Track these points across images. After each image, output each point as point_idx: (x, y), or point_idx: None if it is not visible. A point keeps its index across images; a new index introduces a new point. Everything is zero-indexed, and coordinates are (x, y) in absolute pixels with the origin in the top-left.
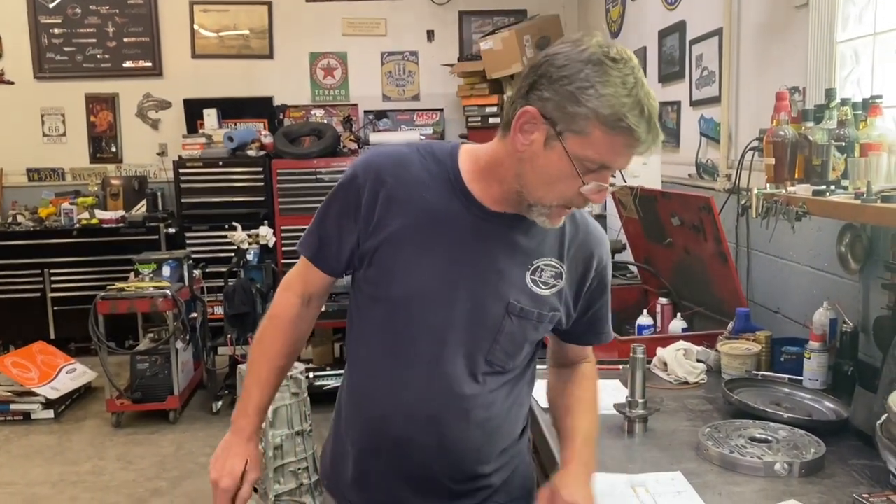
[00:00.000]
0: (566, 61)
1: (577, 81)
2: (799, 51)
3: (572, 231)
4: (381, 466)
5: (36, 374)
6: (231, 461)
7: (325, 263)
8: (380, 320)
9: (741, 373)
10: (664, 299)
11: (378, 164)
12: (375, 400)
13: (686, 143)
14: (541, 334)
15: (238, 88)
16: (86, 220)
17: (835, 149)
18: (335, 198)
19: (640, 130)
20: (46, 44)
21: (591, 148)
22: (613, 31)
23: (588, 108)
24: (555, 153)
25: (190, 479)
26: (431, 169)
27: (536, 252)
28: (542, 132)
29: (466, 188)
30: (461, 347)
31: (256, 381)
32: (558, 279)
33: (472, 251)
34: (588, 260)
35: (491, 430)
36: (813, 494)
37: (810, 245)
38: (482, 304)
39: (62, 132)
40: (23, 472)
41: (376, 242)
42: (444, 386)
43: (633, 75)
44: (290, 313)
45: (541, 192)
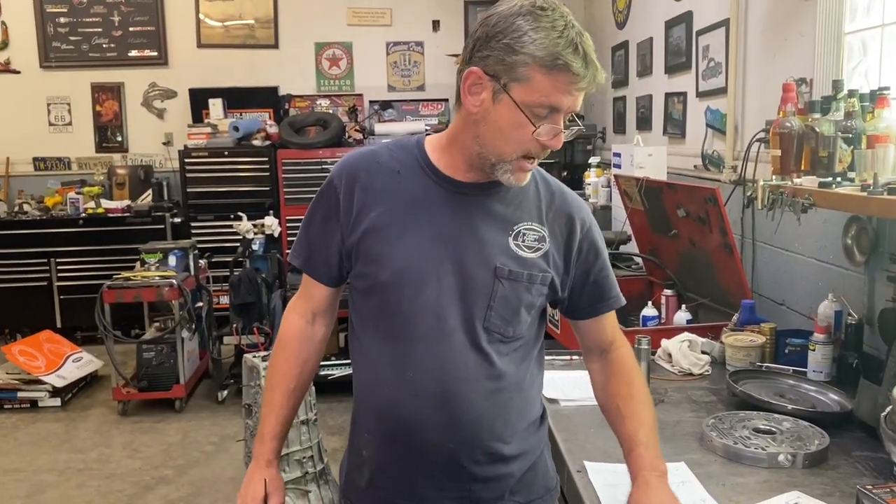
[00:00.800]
0: (498, 19)
1: (510, 34)
2: (806, 42)
3: (548, 197)
4: (396, 456)
5: (43, 363)
6: (252, 487)
7: (316, 270)
8: (375, 309)
9: (746, 364)
10: (669, 291)
11: (350, 163)
12: (382, 386)
13: (692, 135)
14: (536, 297)
15: (243, 78)
16: (92, 210)
17: (841, 140)
18: (317, 205)
19: (576, 65)
20: (52, 33)
21: (535, 92)
22: (619, 21)
23: (524, 54)
24: (503, 106)
25: (195, 468)
26: (400, 157)
27: (515, 217)
28: (488, 90)
29: (435, 166)
30: (458, 319)
31: (270, 407)
32: (542, 242)
33: (452, 224)
34: (570, 223)
35: (503, 402)
36: (816, 486)
37: (816, 237)
38: (470, 273)
39: (68, 121)
40: (30, 460)
41: (359, 234)
42: (446, 360)
43: (563, 19)
44: (295, 334)
45: (499, 146)
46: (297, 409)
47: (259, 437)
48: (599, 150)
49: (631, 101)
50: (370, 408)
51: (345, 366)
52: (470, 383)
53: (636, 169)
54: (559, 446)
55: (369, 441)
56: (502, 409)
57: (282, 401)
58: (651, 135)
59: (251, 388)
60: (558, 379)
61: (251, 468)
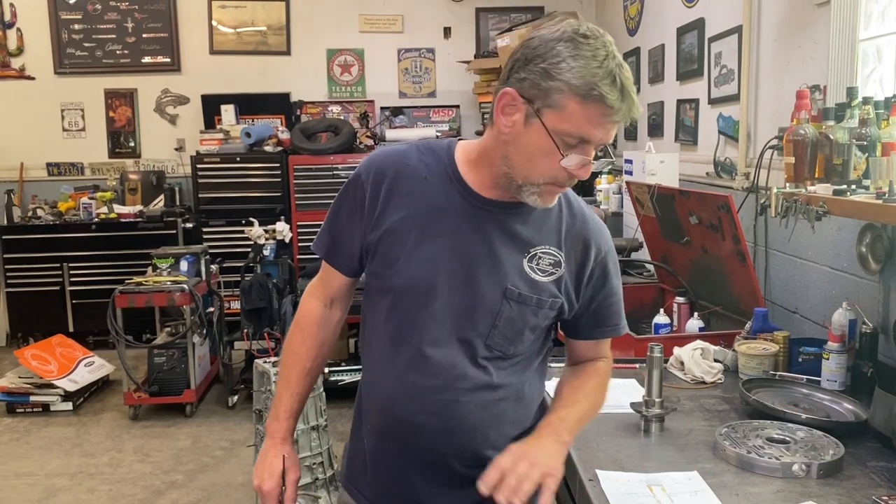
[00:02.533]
0: (539, 42)
1: (549, 58)
2: (820, 49)
3: (569, 220)
4: (393, 451)
5: (55, 367)
6: (269, 462)
7: (339, 260)
8: (386, 310)
9: (759, 373)
10: (681, 298)
11: (379, 161)
12: (385, 385)
13: (704, 142)
14: (542, 321)
15: (255, 84)
16: (104, 215)
17: (856, 148)
18: (343, 197)
19: (612, 98)
20: (66, 39)
21: (567, 121)
22: (631, 28)
23: (561, 80)
24: (534, 130)
25: (206, 473)
26: (429, 163)
27: (534, 240)
28: (521, 112)
29: (463, 179)
30: (462, 332)
31: (286, 386)
32: (557, 267)
33: (471, 239)
34: (586, 249)
35: (498, 412)
36: (831, 496)
37: (830, 245)
38: (481, 291)
39: (81, 127)
40: (42, 463)
41: (379, 233)
42: (447, 369)
43: (604, 49)
44: (314, 316)
45: (525, 170)
46: (310, 389)
47: (274, 415)
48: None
49: (643, 107)
50: (373, 403)
51: (355, 371)
52: (467, 393)
53: (648, 176)
54: (571, 455)
55: (370, 432)
56: (497, 418)
57: (298, 380)
58: (663, 141)
59: (262, 394)
60: None
61: (266, 445)
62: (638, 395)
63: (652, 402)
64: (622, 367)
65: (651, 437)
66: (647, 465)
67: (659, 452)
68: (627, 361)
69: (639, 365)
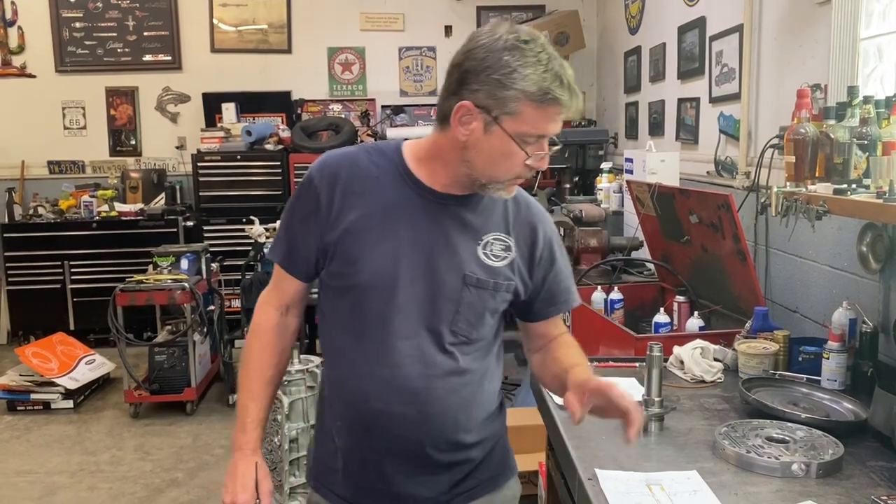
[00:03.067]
0: (485, 53)
1: (500, 69)
2: (821, 48)
3: (514, 208)
4: (367, 445)
5: (56, 365)
6: (241, 475)
7: (295, 266)
8: (350, 308)
9: (759, 372)
10: (681, 297)
11: (331, 164)
12: (356, 382)
13: (705, 141)
14: (500, 304)
15: (256, 83)
16: (105, 213)
17: (857, 147)
18: (297, 202)
19: (564, 98)
20: (68, 37)
21: (525, 124)
22: (632, 26)
23: (516, 90)
24: (495, 136)
25: (206, 471)
26: (380, 163)
27: (485, 227)
28: (479, 121)
29: (414, 175)
30: (428, 321)
31: (250, 396)
32: (508, 251)
33: (427, 231)
34: (533, 232)
35: (466, 397)
36: (830, 496)
37: (830, 244)
38: (442, 279)
39: (82, 125)
40: (42, 461)
41: (337, 234)
42: (417, 358)
43: (544, 52)
44: (270, 325)
45: (490, 171)
46: (273, 396)
47: (240, 426)
48: (611, 155)
49: (643, 106)
50: (343, 400)
51: None
52: (437, 380)
53: (648, 174)
54: (570, 454)
55: (341, 429)
56: (465, 402)
57: (261, 389)
58: (663, 140)
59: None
60: None
61: (235, 458)
62: (637, 393)
63: (651, 401)
64: (622, 366)
65: (650, 437)
66: (646, 464)
67: (658, 451)
68: (627, 360)
69: (638, 364)
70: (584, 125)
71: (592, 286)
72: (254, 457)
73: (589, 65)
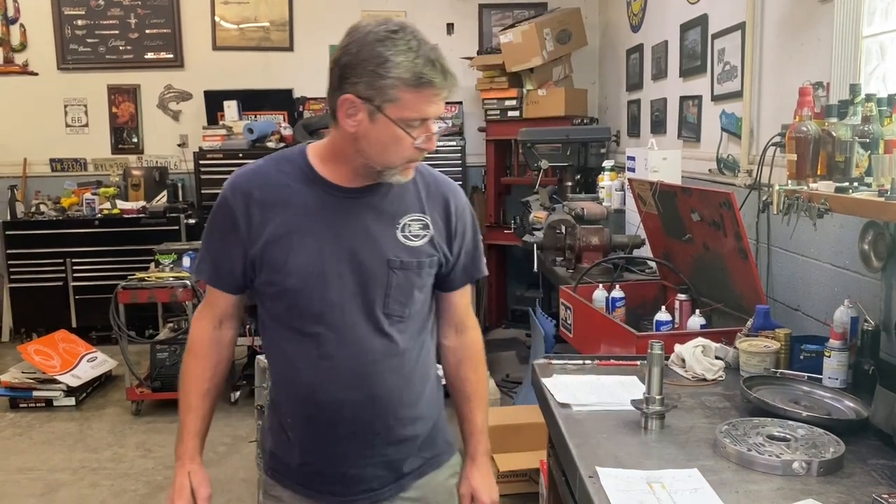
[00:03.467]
0: (359, 47)
1: (374, 60)
2: (823, 45)
3: (424, 186)
4: (320, 435)
5: (58, 362)
6: (178, 483)
7: (223, 282)
8: (285, 310)
9: (760, 370)
10: (683, 295)
11: (241, 181)
12: (301, 375)
13: (707, 139)
14: (426, 279)
15: (258, 80)
16: (107, 211)
17: (858, 145)
18: (214, 223)
19: (437, 79)
20: (70, 35)
21: (407, 109)
22: (634, 24)
23: (392, 78)
24: (381, 124)
25: (208, 468)
26: (288, 171)
27: (400, 211)
28: (363, 111)
29: (321, 176)
30: (361, 309)
31: (187, 409)
32: (426, 229)
33: (345, 226)
34: (447, 206)
35: (406, 373)
36: (831, 494)
37: (832, 242)
38: (367, 268)
39: (84, 123)
40: (44, 458)
41: (260, 246)
42: (356, 347)
43: (414, 38)
44: (204, 339)
45: (382, 157)
46: (213, 408)
47: (179, 439)
48: (613, 153)
49: (645, 104)
50: (291, 395)
51: None
52: (379, 363)
53: (650, 173)
54: (571, 452)
55: (292, 425)
56: (407, 379)
57: (197, 402)
58: (665, 138)
59: (264, 390)
60: (571, 384)
61: (175, 469)
62: (638, 392)
63: (652, 400)
64: (623, 364)
65: (651, 435)
66: (647, 462)
67: (659, 449)
68: (628, 358)
69: (639, 362)
70: (587, 123)
71: (594, 284)
72: (191, 465)
73: (591, 62)
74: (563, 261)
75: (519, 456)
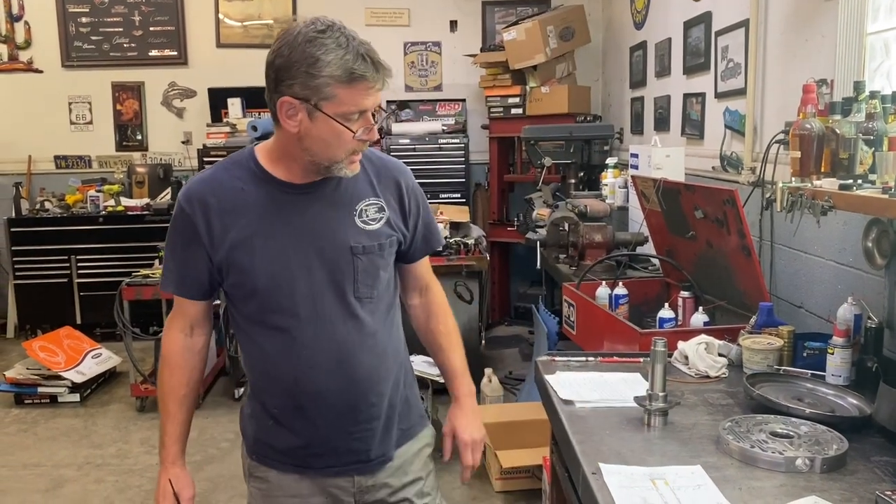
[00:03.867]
0: (289, 50)
1: (305, 61)
2: (827, 43)
3: (374, 170)
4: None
5: (62, 359)
6: (161, 486)
7: (190, 292)
8: (257, 309)
9: (763, 367)
10: (686, 292)
11: (197, 191)
12: (282, 367)
13: (710, 136)
14: (389, 259)
15: (262, 78)
16: (112, 208)
17: (862, 142)
18: (175, 234)
19: (369, 73)
20: (74, 32)
21: (343, 104)
22: (638, 21)
23: (324, 76)
24: (321, 122)
25: (212, 464)
26: (240, 175)
27: (354, 198)
28: (302, 111)
29: (272, 176)
30: (333, 298)
31: (166, 416)
32: (381, 212)
33: (304, 222)
34: (398, 186)
35: (380, 352)
36: (835, 491)
37: (835, 240)
38: (332, 258)
39: (89, 120)
40: (49, 454)
41: (225, 251)
42: (331, 333)
43: (342, 35)
44: (176, 347)
45: (327, 153)
46: (191, 413)
47: (161, 443)
48: (617, 150)
49: (649, 101)
50: (274, 387)
51: None
52: (355, 347)
53: (654, 170)
54: (574, 448)
55: (278, 414)
56: (381, 357)
57: (176, 409)
58: (669, 136)
59: None
60: (574, 381)
61: (159, 473)
62: (642, 389)
63: (655, 396)
64: (626, 361)
65: (654, 431)
66: (650, 458)
67: (662, 446)
68: (632, 355)
69: (643, 359)
70: (590, 120)
71: (597, 281)
72: (173, 468)
73: (594, 60)
74: (566, 258)
75: (522, 452)
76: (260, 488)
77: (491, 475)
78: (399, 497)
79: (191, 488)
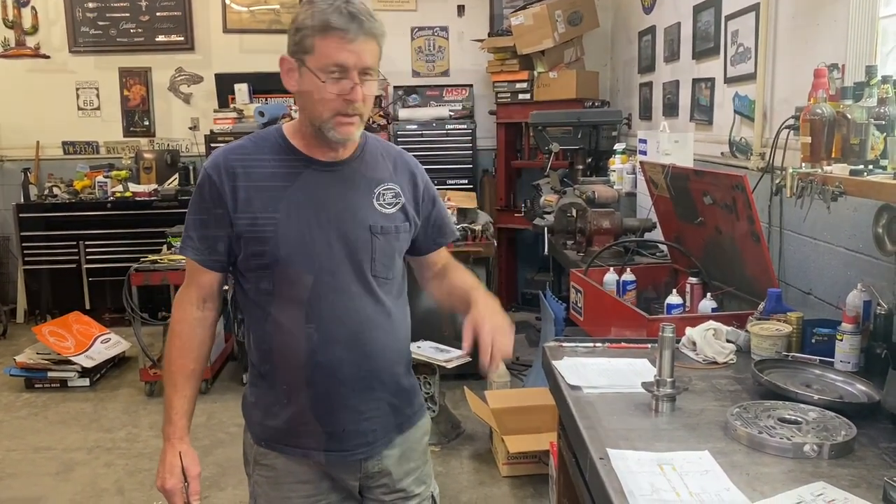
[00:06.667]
0: (294, 15)
1: (298, 19)
2: (839, 27)
3: (391, 160)
4: (318, 395)
5: (72, 344)
6: (168, 462)
7: (210, 259)
8: (275, 281)
9: (771, 353)
10: (694, 279)
11: (223, 159)
12: (297, 345)
13: (719, 121)
14: (403, 243)
15: (269, 63)
16: (120, 193)
17: (874, 127)
18: (198, 202)
19: (341, 23)
20: (81, 18)
21: (322, 57)
22: (647, 5)
23: (305, 28)
24: (306, 77)
25: (220, 448)
26: (266, 147)
27: (374, 181)
28: (295, 69)
29: (298, 149)
30: (351, 273)
31: (174, 390)
32: (398, 198)
33: (327, 197)
34: (413, 177)
35: (393, 330)
36: (842, 477)
37: (845, 226)
38: (352, 235)
39: (96, 106)
40: (59, 438)
41: (248, 219)
42: (349, 308)
43: None
44: (188, 320)
45: (313, 112)
46: (197, 391)
47: (167, 419)
48: (625, 136)
49: (658, 86)
50: (288, 364)
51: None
52: (371, 322)
53: (662, 156)
54: (581, 434)
55: (288, 391)
56: (394, 336)
57: (184, 383)
58: (678, 121)
59: None
60: (581, 366)
61: (164, 448)
62: (649, 375)
63: (663, 382)
64: (634, 347)
65: (662, 417)
66: (657, 444)
67: (670, 432)
68: (639, 341)
69: (650, 345)
70: (598, 106)
71: (605, 268)
72: (180, 444)
73: (603, 44)
74: (573, 244)
75: (529, 438)
76: (267, 476)
77: (498, 460)
78: (400, 486)
79: (198, 465)
